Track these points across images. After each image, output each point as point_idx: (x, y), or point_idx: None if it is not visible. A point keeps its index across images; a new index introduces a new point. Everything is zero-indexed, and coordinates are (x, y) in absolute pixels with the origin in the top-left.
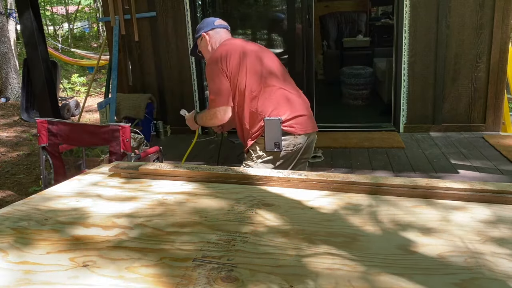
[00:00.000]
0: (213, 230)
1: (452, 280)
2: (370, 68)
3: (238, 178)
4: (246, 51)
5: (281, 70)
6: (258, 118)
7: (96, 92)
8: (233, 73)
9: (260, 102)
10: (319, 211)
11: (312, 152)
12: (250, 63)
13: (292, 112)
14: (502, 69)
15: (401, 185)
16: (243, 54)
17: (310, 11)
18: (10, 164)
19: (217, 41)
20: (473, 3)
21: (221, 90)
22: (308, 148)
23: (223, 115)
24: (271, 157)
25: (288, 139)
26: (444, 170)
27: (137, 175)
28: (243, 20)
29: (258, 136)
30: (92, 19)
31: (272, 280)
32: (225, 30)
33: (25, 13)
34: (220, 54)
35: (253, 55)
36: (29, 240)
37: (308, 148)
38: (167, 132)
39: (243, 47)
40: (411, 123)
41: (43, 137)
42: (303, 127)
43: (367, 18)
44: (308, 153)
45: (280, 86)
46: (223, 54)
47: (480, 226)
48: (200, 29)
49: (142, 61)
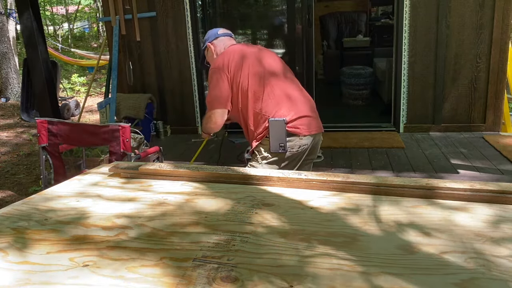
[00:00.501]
0: (213, 230)
1: (452, 280)
2: (370, 68)
3: (238, 178)
4: (247, 54)
5: (284, 70)
6: (262, 118)
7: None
8: (234, 76)
9: (263, 103)
10: (319, 211)
11: (317, 153)
12: (251, 65)
13: (297, 112)
14: (502, 69)
15: (401, 185)
16: (243, 57)
17: (310, 11)
18: (10, 164)
19: (221, 49)
20: (473, 3)
21: (219, 94)
22: (314, 149)
23: (217, 118)
24: (276, 158)
25: (293, 140)
26: (444, 170)
27: (137, 175)
28: (243, 20)
29: (263, 137)
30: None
31: (272, 280)
32: (229, 37)
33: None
34: (222, 59)
35: (253, 57)
36: (29, 240)
37: (314, 149)
38: (167, 132)
39: (244, 50)
40: (411, 123)
41: (43, 137)
42: (308, 128)
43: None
44: (313, 154)
45: (283, 86)
46: (224, 59)
47: (480, 226)
48: (206, 41)
49: (142, 61)
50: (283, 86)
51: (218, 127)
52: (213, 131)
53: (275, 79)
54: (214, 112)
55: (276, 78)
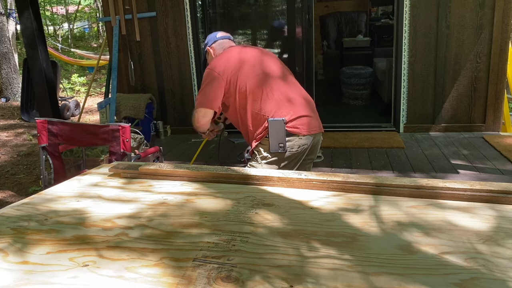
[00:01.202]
0: (213, 230)
1: (452, 280)
2: (370, 68)
3: (238, 178)
4: (246, 55)
5: (283, 71)
6: (261, 119)
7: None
8: (232, 78)
9: (262, 104)
10: (319, 211)
11: (317, 153)
12: (250, 66)
13: (296, 112)
14: (502, 69)
15: (401, 185)
16: (242, 58)
17: (310, 11)
18: (10, 164)
19: (220, 51)
20: (473, 3)
21: (208, 94)
22: (314, 149)
23: (199, 116)
24: (275, 158)
25: (292, 139)
26: (444, 170)
27: (137, 175)
28: (243, 20)
29: (263, 137)
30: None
31: (272, 280)
32: (227, 40)
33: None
34: (219, 60)
35: (252, 58)
36: (29, 240)
37: (314, 149)
38: (167, 132)
39: (243, 51)
40: (411, 123)
41: (43, 137)
42: (307, 128)
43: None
44: (313, 154)
45: (282, 87)
46: (222, 60)
47: (480, 226)
48: (206, 45)
49: (142, 61)
50: (282, 87)
51: (201, 126)
52: (198, 130)
53: (274, 80)
54: (198, 111)
55: (275, 79)
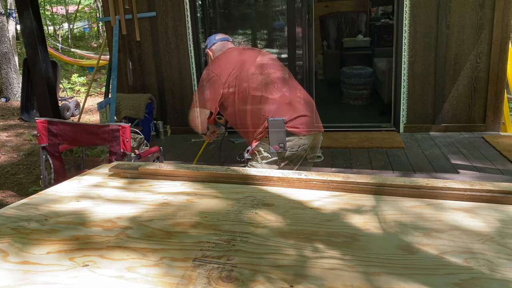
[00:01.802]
0: (213, 230)
1: (452, 280)
2: (370, 68)
3: (238, 178)
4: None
5: (283, 72)
6: (261, 119)
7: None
8: (230, 79)
9: (262, 104)
10: (319, 211)
11: (317, 153)
12: (249, 68)
13: (296, 112)
14: (502, 69)
15: (401, 185)
16: (241, 60)
17: (310, 11)
18: (10, 164)
19: (219, 53)
20: (473, 3)
21: (204, 94)
22: (314, 148)
23: (194, 115)
24: (276, 158)
25: (292, 139)
26: (444, 170)
27: (137, 175)
28: (243, 20)
29: (263, 137)
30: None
31: (272, 280)
32: (226, 41)
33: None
34: (217, 62)
35: (251, 59)
36: (29, 240)
37: (314, 148)
38: (167, 132)
39: (242, 53)
40: (411, 123)
41: (43, 137)
42: (307, 128)
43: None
44: (313, 154)
45: (282, 87)
46: (219, 62)
47: (480, 226)
48: (205, 48)
49: (142, 61)
50: (282, 87)
51: (196, 126)
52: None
53: (274, 80)
54: (192, 110)
55: (275, 79)
